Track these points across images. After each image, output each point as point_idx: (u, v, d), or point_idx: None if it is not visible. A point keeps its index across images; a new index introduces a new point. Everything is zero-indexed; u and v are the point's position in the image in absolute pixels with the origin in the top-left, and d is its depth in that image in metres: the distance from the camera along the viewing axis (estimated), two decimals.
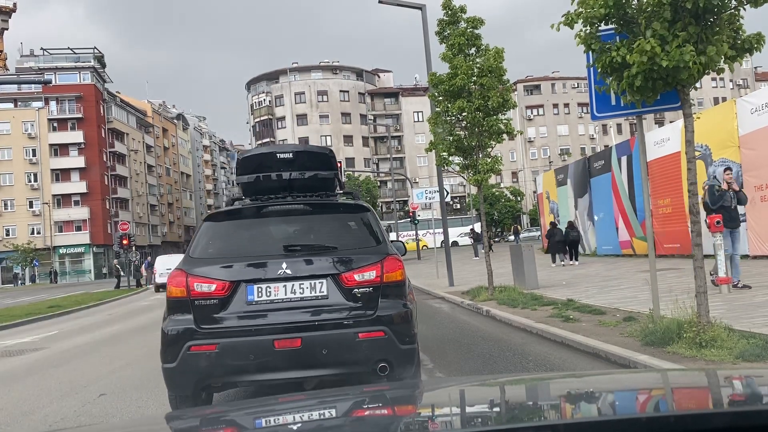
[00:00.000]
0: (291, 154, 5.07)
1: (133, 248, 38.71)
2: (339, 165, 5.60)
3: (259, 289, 4.20)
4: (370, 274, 4.24)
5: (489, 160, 12.15)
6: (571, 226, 22.48)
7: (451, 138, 12.26)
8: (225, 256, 4.36)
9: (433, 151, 13.25)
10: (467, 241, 55.08)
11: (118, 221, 71.22)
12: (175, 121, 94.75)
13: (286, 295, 4.20)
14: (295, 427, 1.53)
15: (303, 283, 4.21)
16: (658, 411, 1.44)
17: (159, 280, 27.27)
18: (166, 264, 27.54)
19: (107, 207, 68.49)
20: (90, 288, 35.52)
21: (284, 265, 4.21)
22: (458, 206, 74.60)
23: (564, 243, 21.58)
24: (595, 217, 23.69)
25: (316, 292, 4.22)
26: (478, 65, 11.91)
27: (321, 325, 4.12)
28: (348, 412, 1.64)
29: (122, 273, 33.23)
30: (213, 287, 4.18)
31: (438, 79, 12.10)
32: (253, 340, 4.09)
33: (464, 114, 11.95)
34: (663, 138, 18.84)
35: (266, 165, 5.04)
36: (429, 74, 12.53)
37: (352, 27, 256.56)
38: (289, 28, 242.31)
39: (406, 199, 75.04)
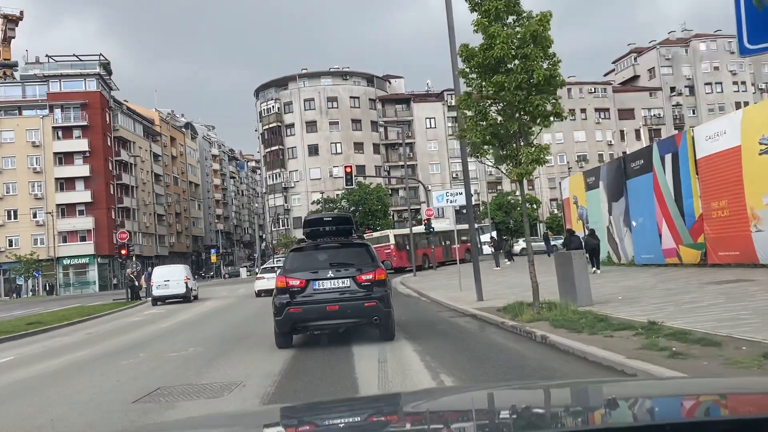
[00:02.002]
0: (331, 218, 10.16)
1: (133, 258, 36.81)
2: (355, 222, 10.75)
3: (319, 283, 8.73)
4: (370, 276, 8.78)
5: (533, 149, 9.98)
6: (592, 233, 20.66)
7: (485, 123, 10.11)
8: (302, 268, 8.92)
9: (457, 146, 11.05)
10: (487, 249, 53.33)
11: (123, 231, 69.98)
12: (184, 129, 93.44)
13: (331, 286, 8.73)
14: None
15: (338, 281, 8.76)
16: (659, 419, 1.46)
17: (156, 292, 25.21)
18: (164, 275, 25.48)
19: (113, 217, 66.92)
20: (90, 300, 33.58)
21: (330, 272, 8.80)
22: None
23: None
24: (633, 223, 21.41)
25: (344, 285, 8.75)
26: (518, 35, 9.79)
27: (347, 299, 8.62)
28: (366, 418, 1.83)
29: (137, 283, 29.99)
30: (297, 282, 8.73)
31: (470, 52, 9.98)
32: (316, 306, 8.63)
33: (502, 93, 9.82)
34: (716, 131, 16.59)
35: (318, 223, 9.99)
36: (460, 47, 10.39)
37: (361, 36, 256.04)
38: (298, 41, 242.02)
39: (418, 207, 72.84)
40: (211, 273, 72.00)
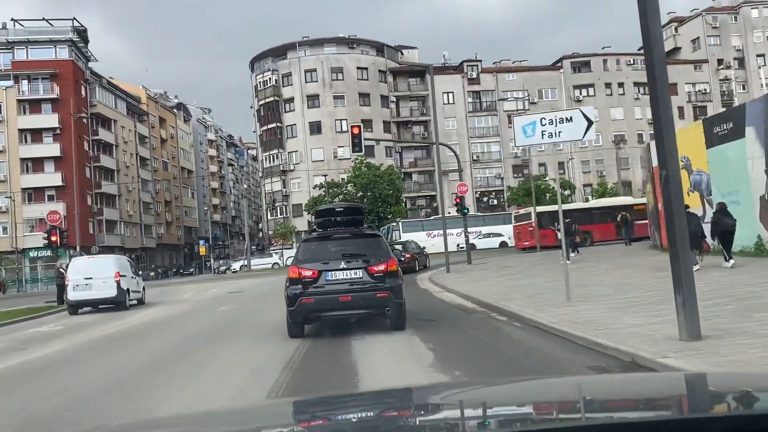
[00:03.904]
0: (342, 208, 10.50)
1: (77, 248, 28.78)
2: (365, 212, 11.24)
3: (331, 274, 8.73)
4: (382, 267, 8.71)
5: None
6: (724, 209, 13.07)
7: None
8: (315, 259, 8.93)
9: (478, 124, 2.53)
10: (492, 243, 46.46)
11: (102, 220, 61.80)
12: (175, 110, 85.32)
13: (343, 277, 8.73)
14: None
15: (350, 272, 8.75)
16: (661, 415, 1.45)
17: (73, 295, 17.06)
18: (84, 271, 17.25)
19: (89, 203, 59.00)
20: (30, 301, 25.36)
21: (342, 263, 8.79)
22: (494, 202, 64.06)
23: (699, 235, 13.15)
24: None
25: (357, 276, 8.73)
26: None
27: (359, 290, 8.61)
28: (379, 413, 1.78)
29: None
30: (310, 273, 8.72)
31: None
32: (329, 296, 8.63)
33: None
34: None
35: (330, 213, 10.26)
36: None
37: (360, 29, 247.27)
38: (299, 28, 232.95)
39: (434, 193, 64.44)
40: (191, 269, 62.49)
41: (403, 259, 27.82)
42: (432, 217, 51.97)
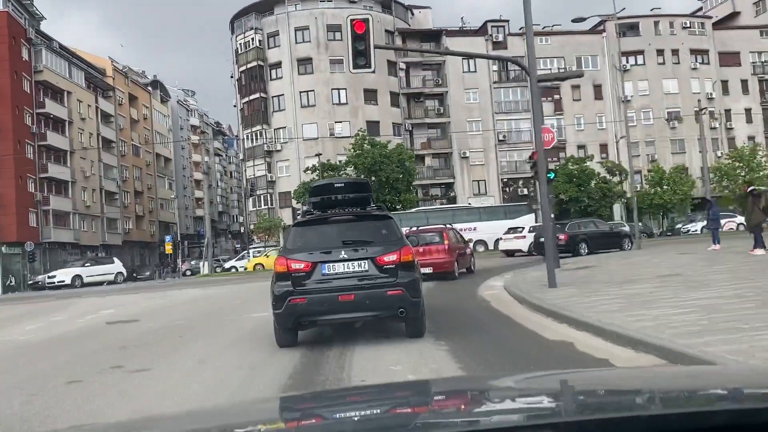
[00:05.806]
0: (343, 184, 8.62)
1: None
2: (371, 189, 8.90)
3: (329, 266, 7.04)
4: (393, 257, 7.03)
5: None
6: None
7: None
8: (308, 247, 7.19)
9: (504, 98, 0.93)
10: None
11: (49, 210, 50.75)
12: (150, 88, 74.09)
13: (344, 270, 7.04)
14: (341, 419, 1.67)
15: (353, 263, 7.04)
16: (659, 409, 1.45)
17: None
18: None
19: (30, 189, 48.02)
20: None
21: (342, 252, 7.05)
22: (524, 191, 52.97)
23: None
24: None
25: (361, 268, 7.04)
26: None
27: (365, 286, 6.96)
28: (386, 409, 1.74)
29: None
30: (302, 266, 7.02)
31: None
32: (326, 295, 6.94)
33: None
34: None
35: (327, 190, 8.37)
36: None
37: None
38: None
39: (451, 181, 53.44)
40: (147, 272, 50.31)
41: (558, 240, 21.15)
42: (414, 210, 40.76)
